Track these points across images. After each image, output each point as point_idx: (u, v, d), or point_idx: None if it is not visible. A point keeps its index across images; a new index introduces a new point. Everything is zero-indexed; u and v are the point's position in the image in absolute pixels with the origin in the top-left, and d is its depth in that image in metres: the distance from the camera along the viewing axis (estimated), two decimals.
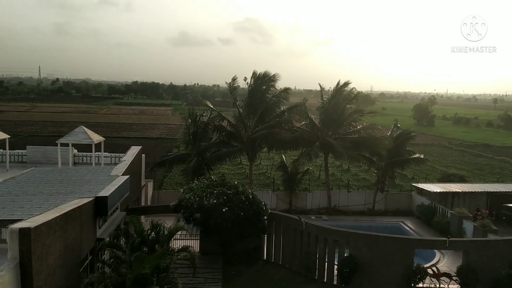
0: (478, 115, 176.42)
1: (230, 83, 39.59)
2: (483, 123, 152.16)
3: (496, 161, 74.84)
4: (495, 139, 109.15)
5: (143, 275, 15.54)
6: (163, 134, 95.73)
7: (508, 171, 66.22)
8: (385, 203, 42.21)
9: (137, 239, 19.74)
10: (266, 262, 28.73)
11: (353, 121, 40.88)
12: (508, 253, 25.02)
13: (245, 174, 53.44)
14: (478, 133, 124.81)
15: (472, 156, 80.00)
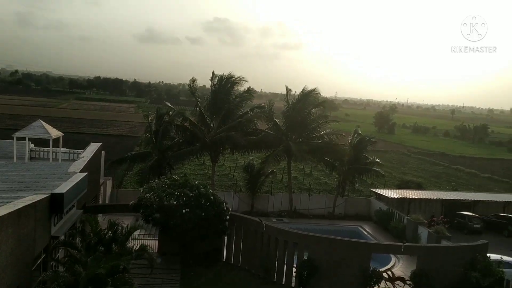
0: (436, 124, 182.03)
1: (190, 84, 39.40)
2: (440, 132, 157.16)
3: (451, 170, 77.42)
4: (451, 148, 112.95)
5: (98, 275, 15.17)
6: (124, 132, 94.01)
7: (463, 180, 68.63)
8: (345, 207, 42.89)
9: (93, 238, 19.24)
10: (226, 264, 28.61)
11: (317, 126, 41.38)
12: (461, 259, 25.86)
13: (207, 175, 53.14)
14: (436, 142, 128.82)
15: (429, 164, 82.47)
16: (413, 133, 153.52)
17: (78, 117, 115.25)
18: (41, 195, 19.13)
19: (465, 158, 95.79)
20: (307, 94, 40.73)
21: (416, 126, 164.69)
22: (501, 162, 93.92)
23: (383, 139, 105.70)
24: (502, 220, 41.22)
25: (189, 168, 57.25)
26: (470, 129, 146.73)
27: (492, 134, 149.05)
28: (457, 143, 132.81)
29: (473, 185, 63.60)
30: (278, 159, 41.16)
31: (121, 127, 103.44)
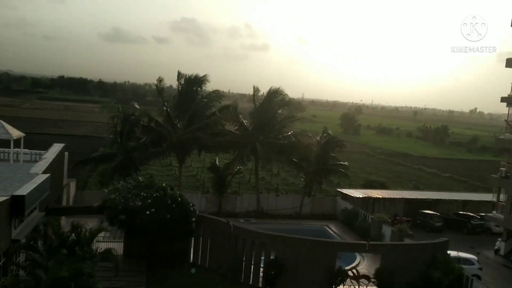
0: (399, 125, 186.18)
1: (157, 84, 39.02)
2: (403, 133, 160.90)
3: (414, 170, 79.46)
4: (413, 148, 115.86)
5: (60, 279, 14.84)
6: (89, 132, 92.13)
7: (424, 179, 70.57)
8: (311, 207, 43.38)
9: (55, 241, 18.80)
10: (192, 265, 28.46)
11: (284, 126, 41.68)
12: (422, 256, 26.60)
13: (174, 176, 52.71)
14: (399, 142, 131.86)
15: (393, 164, 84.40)
16: (377, 134, 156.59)
17: (41, 117, 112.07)
18: (1, 197, 18.57)
19: (426, 158, 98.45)
20: (273, 94, 40.97)
21: (380, 127, 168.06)
22: (461, 162, 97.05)
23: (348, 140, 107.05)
24: (462, 218, 42.63)
25: (155, 169, 56.63)
26: (432, 130, 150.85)
27: (453, 135, 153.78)
28: (419, 143, 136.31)
29: (434, 185, 65.46)
30: (245, 160, 41.23)
31: (86, 127, 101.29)
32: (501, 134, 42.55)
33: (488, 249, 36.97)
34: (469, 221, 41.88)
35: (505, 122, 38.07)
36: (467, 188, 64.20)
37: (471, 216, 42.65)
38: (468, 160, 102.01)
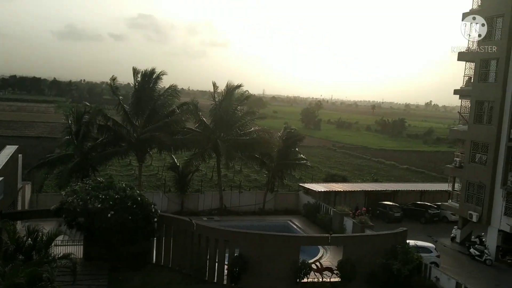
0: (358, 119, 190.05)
1: (110, 83, 38.18)
2: (362, 127, 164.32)
3: (373, 162, 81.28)
4: (372, 142, 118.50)
5: (17, 285, 14.28)
6: (44, 133, 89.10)
7: (384, 171, 72.30)
8: (274, 203, 43.62)
9: (11, 247, 18.09)
10: (156, 266, 28.08)
11: (245, 123, 41.61)
12: (383, 246, 27.24)
13: (134, 176, 51.78)
14: (358, 136, 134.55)
15: (353, 158, 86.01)
16: (337, 128, 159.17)
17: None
18: None
19: (385, 151, 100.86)
20: (232, 90, 40.84)
21: (340, 121, 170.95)
22: (417, 154, 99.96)
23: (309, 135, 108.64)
24: (420, 208, 43.94)
25: (114, 169, 55.44)
26: (389, 123, 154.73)
27: (409, 128, 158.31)
28: (378, 136, 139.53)
29: (393, 176, 67.16)
30: (206, 157, 40.92)
31: (40, 128, 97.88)
32: (455, 126, 44.11)
33: (445, 237, 38.28)
34: (427, 211, 43.22)
35: (458, 114, 39.43)
36: (424, 178, 66.22)
37: (428, 205, 44.03)
38: (424, 151, 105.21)
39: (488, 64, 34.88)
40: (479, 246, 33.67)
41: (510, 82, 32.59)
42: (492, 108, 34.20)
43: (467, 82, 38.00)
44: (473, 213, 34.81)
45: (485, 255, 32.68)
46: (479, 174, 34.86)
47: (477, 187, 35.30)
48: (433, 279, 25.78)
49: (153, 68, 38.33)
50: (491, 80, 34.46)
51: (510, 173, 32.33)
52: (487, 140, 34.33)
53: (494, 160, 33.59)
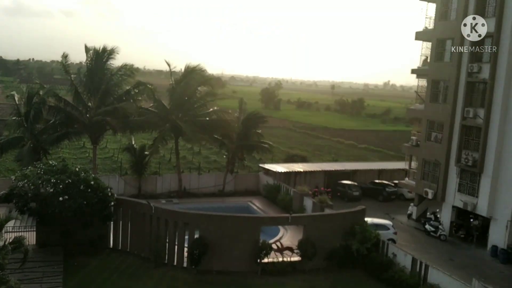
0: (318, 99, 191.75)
1: (62, 60, 36.46)
2: (322, 107, 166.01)
3: (332, 142, 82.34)
4: (332, 122, 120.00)
5: None
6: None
7: (343, 151, 73.39)
8: (234, 184, 43.35)
9: None
10: (113, 251, 27.44)
11: (204, 103, 40.81)
12: (342, 225, 27.55)
13: (89, 159, 50.22)
14: (318, 116, 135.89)
15: (313, 138, 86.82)
16: (297, 109, 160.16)
17: None
18: None
19: (344, 130, 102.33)
20: (192, 71, 39.86)
21: (299, 101, 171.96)
22: (375, 133, 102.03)
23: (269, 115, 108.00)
24: (377, 187, 44.82)
25: (67, 153, 53.59)
26: (349, 103, 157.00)
27: (368, 107, 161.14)
28: (337, 116, 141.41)
29: (352, 156, 68.26)
30: (166, 138, 40.02)
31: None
32: (412, 105, 44.96)
33: (401, 214, 39.27)
34: (384, 189, 44.14)
35: (415, 93, 40.12)
36: (382, 157, 67.63)
37: (385, 184, 44.97)
38: (382, 131, 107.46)
39: (444, 44, 35.47)
40: (434, 222, 34.70)
41: (464, 61, 33.27)
42: (447, 88, 34.92)
43: (424, 61, 38.62)
44: (428, 190, 35.75)
45: (440, 230, 33.73)
46: (435, 152, 35.74)
47: (433, 165, 36.22)
48: (390, 255, 26.32)
49: (104, 45, 36.80)
50: (447, 59, 35.11)
51: (464, 151, 33.26)
52: (443, 119, 35.14)
53: (449, 139, 34.46)
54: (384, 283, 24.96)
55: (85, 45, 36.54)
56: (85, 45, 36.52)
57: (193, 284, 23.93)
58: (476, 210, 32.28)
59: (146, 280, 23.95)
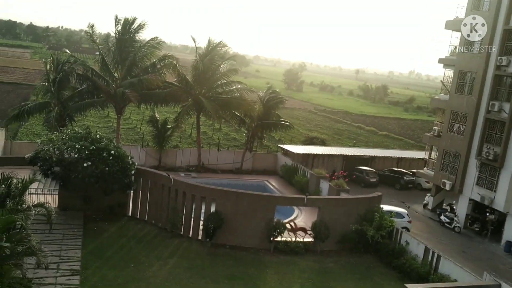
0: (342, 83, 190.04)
1: (88, 31, 36.86)
2: (345, 91, 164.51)
3: (353, 127, 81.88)
4: (354, 107, 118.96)
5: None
6: (19, 80, 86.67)
7: (363, 137, 73.03)
8: (252, 163, 43.76)
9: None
10: (131, 219, 28.17)
11: (227, 82, 40.97)
12: (356, 210, 27.77)
13: (112, 128, 51.13)
14: (340, 100, 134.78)
15: (333, 122, 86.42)
16: (319, 91, 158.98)
17: None
18: None
19: (365, 116, 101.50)
20: (215, 47, 39.94)
21: (323, 84, 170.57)
22: (397, 121, 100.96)
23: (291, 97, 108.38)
24: (395, 175, 44.73)
25: (92, 121, 54.61)
26: (372, 89, 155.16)
27: (391, 95, 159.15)
28: (360, 102, 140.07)
29: (371, 142, 67.93)
30: (189, 114, 40.47)
31: (16, 74, 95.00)
32: (436, 95, 44.42)
33: (417, 203, 39.26)
34: (402, 177, 44.04)
35: (441, 83, 39.59)
36: (402, 146, 67.14)
37: (404, 172, 44.83)
38: (404, 119, 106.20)
39: None
40: (449, 213, 34.67)
41: (493, 54, 32.67)
42: (474, 79, 34.41)
43: (452, 51, 38.00)
44: (446, 181, 35.59)
45: (455, 222, 33.70)
46: (456, 143, 35.44)
47: (453, 157, 35.96)
48: (403, 243, 26.50)
49: (134, 17, 37.05)
50: (475, 51, 34.49)
51: (486, 144, 32.93)
52: (467, 111, 34.73)
53: (472, 131, 34.13)
54: (395, 270, 25.21)
55: (115, 16, 36.87)
56: (115, 16, 36.85)
57: (207, 256, 24.51)
58: (493, 205, 32.09)
59: (161, 249, 24.62)
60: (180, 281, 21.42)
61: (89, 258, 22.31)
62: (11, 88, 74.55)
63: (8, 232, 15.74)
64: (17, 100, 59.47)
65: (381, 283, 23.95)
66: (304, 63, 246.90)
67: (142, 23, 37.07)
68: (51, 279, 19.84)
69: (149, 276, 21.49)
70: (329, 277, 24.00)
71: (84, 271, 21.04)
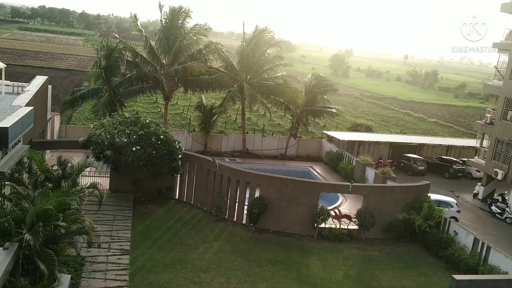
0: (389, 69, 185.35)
1: (132, 19, 37.75)
2: (393, 77, 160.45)
3: (401, 114, 79.95)
4: (402, 93, 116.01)
5: (46, 211, 14.88)
6: (72, 66, 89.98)
7: (411, 123, 71.20)
8: (297, 149, 43.72)
9: (41, 176, 18.73)
10: (178, 202, 28.91)
11: (273, 67, 40.90)
12: (403, 198, 27.28)
13: (160, 114, 52.31)
14: (388, 86, 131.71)
15: (380, 108, 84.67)
16: (366, 77, 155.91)
17: (21, 49, 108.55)
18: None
19: (414, 103, 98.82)
20: (261, 32, 39.88)
21: (370, 70, 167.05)
22: (447, 107, 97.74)
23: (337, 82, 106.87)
24: (444, 163, 43.46)
25: (141, 106, 56.06)
26: (421, 74, 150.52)
27: (442, 81, 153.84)
28: (408, 88, 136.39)
29: (420, 129, 66.17)
30: (234, 99, 40.80)
31: (69, 60, 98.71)
32: (489, 81, 42.57)
33: (467, 193, 38.07)
34: (451, 166, 42.75)
35: (495, 68, 37.90)
36: (452, 133, 65.08)
37: (453, 160, 43.51)
38: (454, 105, 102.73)
39: None
40: (501, 204, 33.43)
41: None
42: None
43: (507, 35, 36.19)
44: (498, 171, 34.28)
45: (506, 213, 32.49)
46: (510, 132, 33.96)
47: (506, 145, 34.53)
48: (451, 233, 25.87)
49: (180, 5, 37.54)
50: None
51: None
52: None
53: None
54: (442, 260, 24.72)
55: (159, 3, 37.52)
56: (159, 3, 37.50)
57: (250, 241, 24.86)
58: None
59: (207, 232, 25.17)
60: (224, 264, 21.89)
61: (138, 239, 23.17)
62: (65, 75, 77.57)
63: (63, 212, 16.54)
64: (71, 86, 61.88)
65: (427, 273, 23.54)
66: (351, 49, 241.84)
67: (187, 9, 37.52)
68: (102, 258, 20.75)
69: (194, 258, 22.07)
70: (373, 265, 23.82)
71: (134, 251, 21.87)
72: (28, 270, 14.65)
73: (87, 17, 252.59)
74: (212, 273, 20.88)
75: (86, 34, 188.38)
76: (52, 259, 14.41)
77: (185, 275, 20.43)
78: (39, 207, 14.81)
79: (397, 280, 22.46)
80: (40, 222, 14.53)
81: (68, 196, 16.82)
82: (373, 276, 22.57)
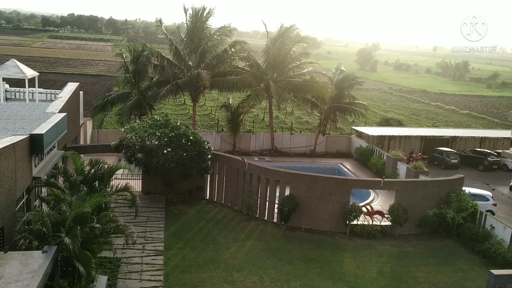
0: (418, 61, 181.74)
1: (157, 24, 38.30)
2: (422, 69, 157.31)
3: (431, 107, 78.37)
4: (432, 85, 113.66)
5: (83, 214, 15.26)
6: (102, 71, 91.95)
7: (442, 116, 69.71)
8: (326, 146, 43.41)
9: (77, 178, 19.20)
10: (209, 202, 29.14)
11: (299, 64, 40.71)
12: (437, 193, 26.74)
13: (189, 115, 52.85)
14: (417, 79, 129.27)
15: (410, 102, 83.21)
16: (394, 71, 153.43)
17: (53, 57, 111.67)
18: (20, 136, 18.79)
19: (445, 95, 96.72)
20: (287, 30, 39.75)
21: (398, 63, 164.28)
22: (480, 98, 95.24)
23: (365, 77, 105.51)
24: (478, 155, 42.38)
25: (169, 108, 56.77)
26: (452, 66, 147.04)
27: (473, 71, 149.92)
28: (438, 80, 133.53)
29: (452, 122, 64.74)
30: (260, 97, 40.78)
31: (99, 66, 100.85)
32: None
33: (503, 185, 37.05)
34: (486, 158, 41.66)
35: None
36: (485, 125, 63.40)
37: (487, 153, 42.38)
38: (487, 96, 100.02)
39: None
40: None
41: None
42: None
43: None
44: None
45: None
46: None
47: None
48: (487, 227, 25.21)
49: (203, 6, 37.83)
50: None
51: None
52: None
53: None
54: (479, 255, 24.12)
55: (183, 5, 37.92)
56: (184, 6, 37.90)
57: (282, 239, 24.83)
58: None
59: (238, 232, 25.29)
60: (257, 263, 21.95)
61: (171, 240, 23.48)
62: (96, 80, 79.33)
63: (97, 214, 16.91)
64: (101, 91, 63.30)
65: (463, 268, 23.01)
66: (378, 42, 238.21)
67: (211, 10, 37.78)
68: (137, 259, 21.15)
69: (227, 258, 22.22)
70: (408, 261, 23.45)
71: (167, 251, 22.19)
72: (66, 272, 15.03)
73: (115, 23, 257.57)
74: (245, 272, 20.98)
75: (115, 40, 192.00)
76: (89, 260, 14.75)
77: (219, 275, 20.60)
78: (78, 210, 15.17)
79: (433, 276, 22.05)
80: (77, 226, 14.91)
81: (104, 198, 17.20)
82: (408, 273, 22.22)
